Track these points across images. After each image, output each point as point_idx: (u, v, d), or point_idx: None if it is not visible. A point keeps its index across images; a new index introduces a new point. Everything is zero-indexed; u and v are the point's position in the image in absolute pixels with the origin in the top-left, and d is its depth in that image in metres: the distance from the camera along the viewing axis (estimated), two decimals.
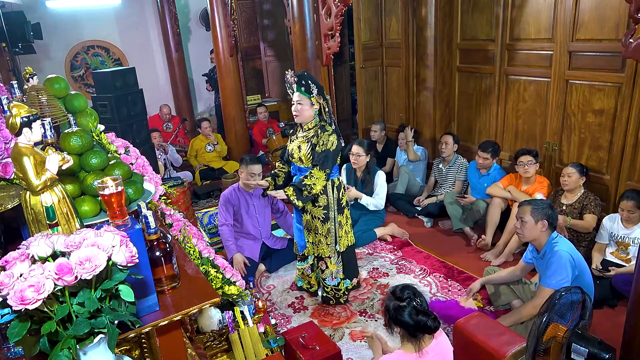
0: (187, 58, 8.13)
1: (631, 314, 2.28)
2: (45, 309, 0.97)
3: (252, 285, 3.51)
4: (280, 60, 8.50)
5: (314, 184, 2.84)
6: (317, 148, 2.87)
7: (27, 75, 1.82)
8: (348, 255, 3.25)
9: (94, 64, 7.64)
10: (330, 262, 3.16)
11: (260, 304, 2.57)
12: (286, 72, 2.93)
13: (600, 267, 3.19)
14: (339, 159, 2.98)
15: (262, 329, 2.51)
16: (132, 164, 1.80)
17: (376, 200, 4.12)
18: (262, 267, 3.82)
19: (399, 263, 3.85)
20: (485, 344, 2.27)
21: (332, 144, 2.87)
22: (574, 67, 3.76)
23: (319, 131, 2.89)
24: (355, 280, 3.39)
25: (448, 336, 2.84)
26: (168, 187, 4.13)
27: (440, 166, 4.69)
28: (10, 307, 0.93)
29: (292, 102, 2.93)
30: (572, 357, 2.05)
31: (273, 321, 2.84)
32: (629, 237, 3.17)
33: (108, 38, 7.67)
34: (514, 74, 4.32)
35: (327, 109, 2.94)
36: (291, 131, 3.13)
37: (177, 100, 8.08)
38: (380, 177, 4.17)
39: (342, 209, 3.07)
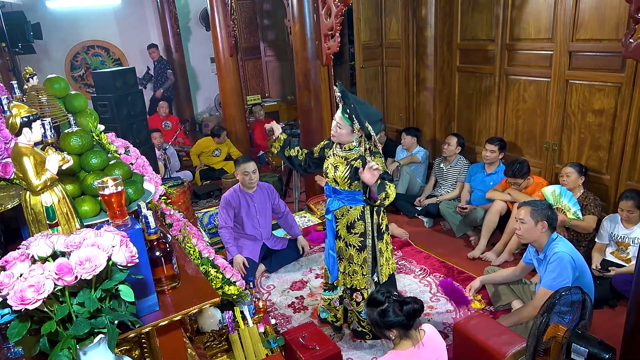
0: (187, 58, 8.14)
1: (631, 314, 2.28)
2: (45, 309, 0.97)
3: (252, 285, 3.52)
4: (280, 60, 8.51)
5: (390, 195, 2.39)
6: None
7: (27, 75, 1.82)
8: (389, 285, 2.83)
9: (94, 64, 7.65)
10: (368, 294, 2.75)
11: (260, 304, 2.57)
12: (335, 84, 2.58)
13: (600, 268, 3.18)
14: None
15: (262, 329, 2.51)
16: (132, 164, 1.80)
17: None
18: (262, 267, 3.82)
19: (399, 263, 3.84)
20: (485, 344, 2.27)
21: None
22: (574, 67, 3.76)
23: (368, 155, 2.54)
24: None
25: (448, 336, 2.86)
26: (168, 187, 4.13)
27: (442, 165, 4.69)
28: (10, 307, 0.93)
29: (333, 118, 2.59)
30: (572, 357, 2.05)
31: (273, 321, 2.84)
32: (629, 237, 3.17)
33: (108, 38, 7.68)
34: (514, 74, 4.32)
35: (368, 146, 2.56)
36: (326, 142, 2.79)
37: (177, 100, 8.09)
38: None
39: (381, 235, 2.70)
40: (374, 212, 2.64)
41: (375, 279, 2.75)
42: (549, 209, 2.68)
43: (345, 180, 2.58)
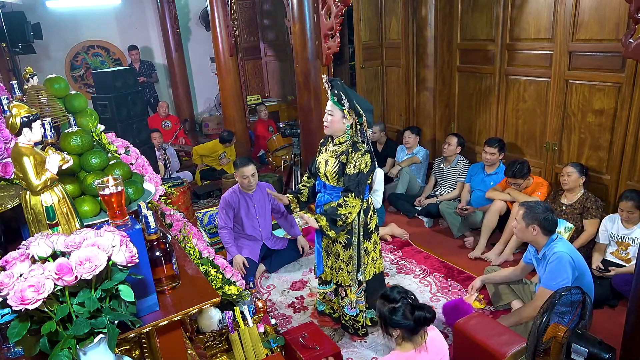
0: (187, 58, 8.14)
1: (631, 314, 2.28)
2: (45, 309, 0.98)
3: (252, 285, 3.52)
4: (280, 60, 8.51)
5: (349, 213, 2.51)
6: (347, 169, 2.52)
7: (27, 75, 1.83)
8: (374, 285, 2.84)
9: (94, 64, 7.65)
10: (350, 291, 2.79)
11: (260, 304, 2.57)
12: (322, 75, 2.64)
13: (602, 267, 3.18)
14: (370, 179, 2.65)
15: (262, 329, 2.51)
16: (132, 164, 1.80)
17: (374, 198, 4.10)
18: (262, 267, 3.82)
19: (399, 263, 3.85)
20: (485, 344, 2.27)
21: (366, 165, 2.52)
22: (574, 67, 3.76)
23: (350, 149, 2.53)
24: None
25: (448, 336, 2.86)
26: (168, 187, 4.13)
27: (442, 165, 4.69)
28: (10, 307, 0.93)
29: (325, 111, 2.59)
30: (572, 357, 2.06)
31: (273, 321, 2.84)
32: (629, 237, 3.17)
33: (108, 38, 7.68)
34: (514, 74, 4.32)
35: (359, 127, 2.56)
36: (322, 141, 2.79)
37: (177, 100, 8.09)
38: (378, 174, 4.14)
39: (369, 234, 2.72)
40: (362, 211, 2.66)
41: (360, 277, 2.78)
42: (545, 212, 2.64)
43: (334, 175, 2.60)
